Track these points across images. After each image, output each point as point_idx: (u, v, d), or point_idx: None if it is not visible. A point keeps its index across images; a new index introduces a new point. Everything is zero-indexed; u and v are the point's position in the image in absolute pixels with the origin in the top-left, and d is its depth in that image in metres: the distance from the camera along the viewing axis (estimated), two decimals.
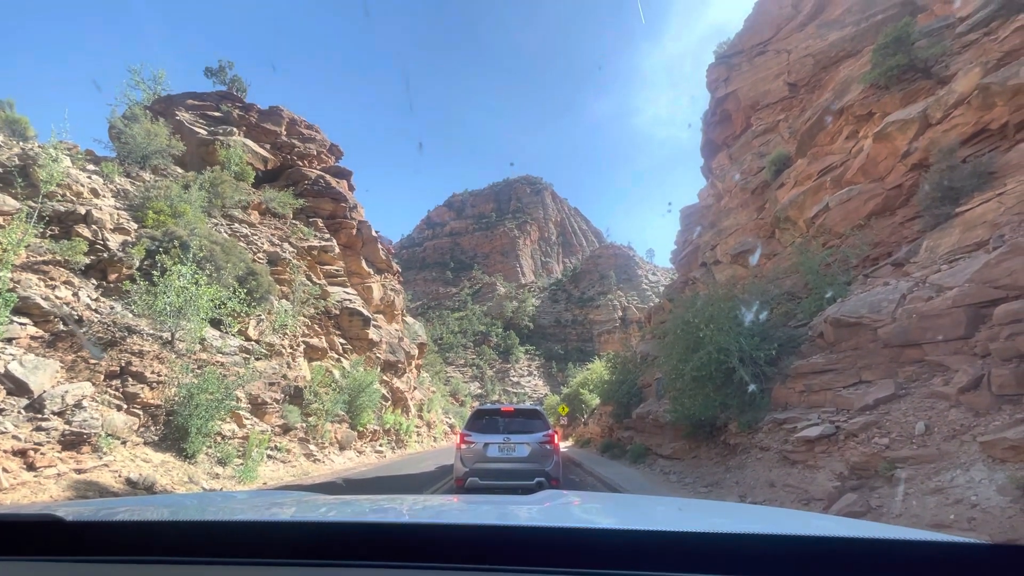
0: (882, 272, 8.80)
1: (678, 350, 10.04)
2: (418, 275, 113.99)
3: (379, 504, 1.83)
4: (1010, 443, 4.58)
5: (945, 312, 6.19)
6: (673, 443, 12.00)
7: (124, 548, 1.13)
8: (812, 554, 0.94)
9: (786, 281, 11.76)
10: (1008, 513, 4.20)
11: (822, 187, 12.18)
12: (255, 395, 12.51)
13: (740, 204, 17.04)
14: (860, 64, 12.89)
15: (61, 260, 10.54)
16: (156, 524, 1.27)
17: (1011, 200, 7.04)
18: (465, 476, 7.53)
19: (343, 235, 24.14)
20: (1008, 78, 8.05)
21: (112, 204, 13.56)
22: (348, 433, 16.93)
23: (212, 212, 17.15)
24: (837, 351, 7.73)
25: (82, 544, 1.12)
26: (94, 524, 1.19)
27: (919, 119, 9.62)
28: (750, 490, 7.51)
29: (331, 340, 19.68)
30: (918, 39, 10.82)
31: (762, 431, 8.26)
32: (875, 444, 5.93)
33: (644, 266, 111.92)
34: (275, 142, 24.00)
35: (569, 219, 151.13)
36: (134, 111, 18.37)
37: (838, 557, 0.95)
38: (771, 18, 18.11)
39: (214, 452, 9.94)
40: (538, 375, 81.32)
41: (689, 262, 20.80)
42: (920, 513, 4.77)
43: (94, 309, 10.21)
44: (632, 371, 19.01)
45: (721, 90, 19.46)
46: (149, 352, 10.13)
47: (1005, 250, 5.94)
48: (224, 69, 25.27)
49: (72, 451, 7.41)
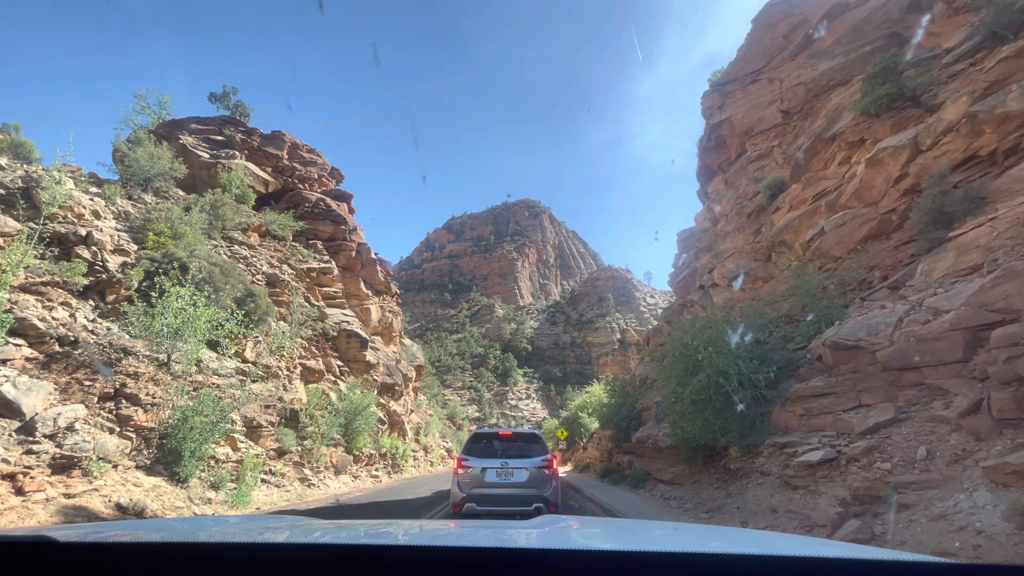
0: (878, 295, 8.85)
1: (677, 373, 10.00)
2: (416, 297, 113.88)
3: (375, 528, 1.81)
4: (1013, 468, 4.54)
5: (942, 335, 6.20)
6: (673, 468, 11.83)
7: (116, 571, 1.11)
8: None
9: (783, 304, 11.79)
10: (1014, 540, 4.13)
11: (817, 211, 12.33)
12: (250, 418, 12.36)
13: (736, 228, 17.21)
14: (851, 92, 13.20)
15: (60, 281, 10.54)
16: (150, 545, 1.26)
17: (1003, 225, 7.13)
18: (462, 502, 7.39)
19: (342, 257, 24.23)
20: (995, 106, 8.25)
21: (113, 226, 13.64)
22: (344, 457, 16.67)
23: (212, 234, 17.24)
24: (836, 374, 7.71)
25: (73, 568, 1.11)
26: (87, 546, 1.18)
27: (910, 146, 9.81)
28: (752, 516, 7.38)
29: (328, 362, 19.55)
30: (906, 69, 11.12)
31: (762, 455, 8.16)
32: (877, 469, 5.86)
33: (642, 289, 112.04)
34: (276, 165, 24.29)
35: (567, 242, 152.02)
36: (138, 135, 18.66)
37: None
38: (763, 48, 18.63)
39: (207, 476, 9.76)
40: (536, 398, 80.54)
41: (687, 285, 20.87)
42: (924, 540, 4.69)
43: (91, 330, 10.16)
44: (631, 394, 18.88)
45: (716, 116, 19.86)
46: (144, 374, 10.05)
47: (1000, 274, 5.99)
48: (228, 94, 25.74)
49: (62, 475, 7.28)
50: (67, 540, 1.10)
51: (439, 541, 1.46)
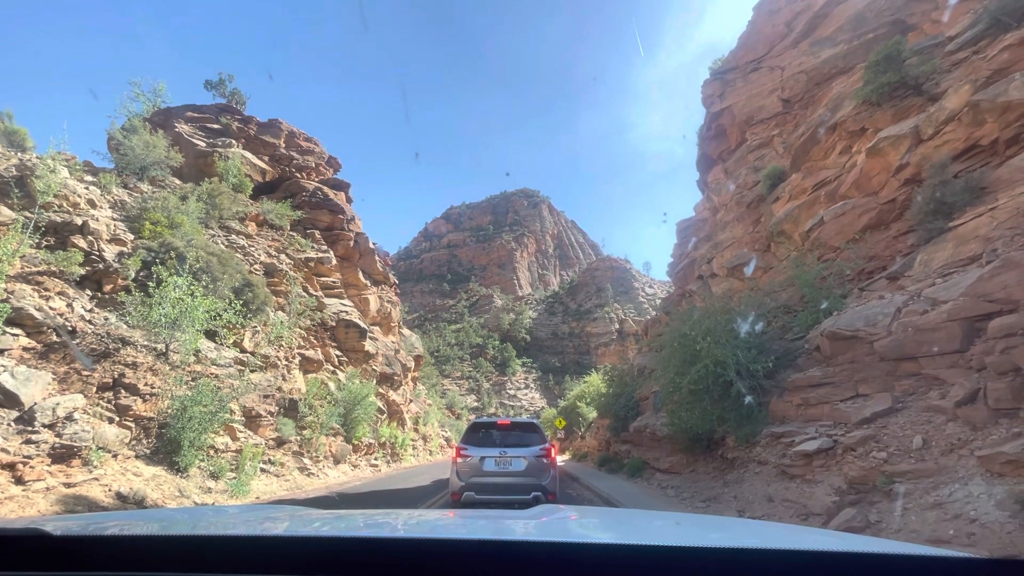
0: (877, 286, 8.85)
1: (675, 363, 10.03)
2: (415, 287, 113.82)
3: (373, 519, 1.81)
4: (1008, 457, 4.57)
5: (940, 326, 6.21)
6: (671, 457, 11.92)
7: (113, 563, 1.11)
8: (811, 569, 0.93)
9: (782, 294, 11.80)
10: (1007, 528, 4.17)
11: (816, 201, 12.29)
12: (249, 408, 12.39)
13: (736, 218, 17.16)
14: (852, 81, 13.09)
15: (56, 271, 10.49)
16: (146, 539, 1.25)
17: (1003, 215, 7.11)
18: (461, 491, 7.44)
19: (340, 247, 24.14)
20: (998, 95, 8.18)
21: (109, 215, 13.54)
22: (343, 446, 16.75)
23: (209, 223, 17.14)
24: (834, 364, 7.74)
25: (70, 559, 1.10)
26: (82, 539, 1.17)
27: (911, 135, 9.75)
28: (748, 505, 7.45)
29: (327, 352, 19.57)
30: (908, 57, 11.01)
31: (760, 445, 8.22)
32: (873, 458, 5.90)
33: (641, 279, 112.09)
34: (273, 154, 24.10)
35: (566, 232, 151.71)
36: (133, 123, 18.44)
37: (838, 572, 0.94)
38: (764, 36, 18.44)
39: (207, 466, 9.80)
40: (535, 388, 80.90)
41: (686, 275, 20.87)
42: (919, 528, 4.74)
43: (88, 320, 10.14)
44: (629, 384, 18.95)
45: (716, 105, 19.71)
46: (143, 364, 10.04)
47: (999, 264, 5.99)
48: (224, 82, 25.45)
49: (62, 464, 7.30)
50: (62, 533, 1.09)
51: (437, 533, 1.46)
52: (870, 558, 0.98)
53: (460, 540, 1.18)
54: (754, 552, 0.98)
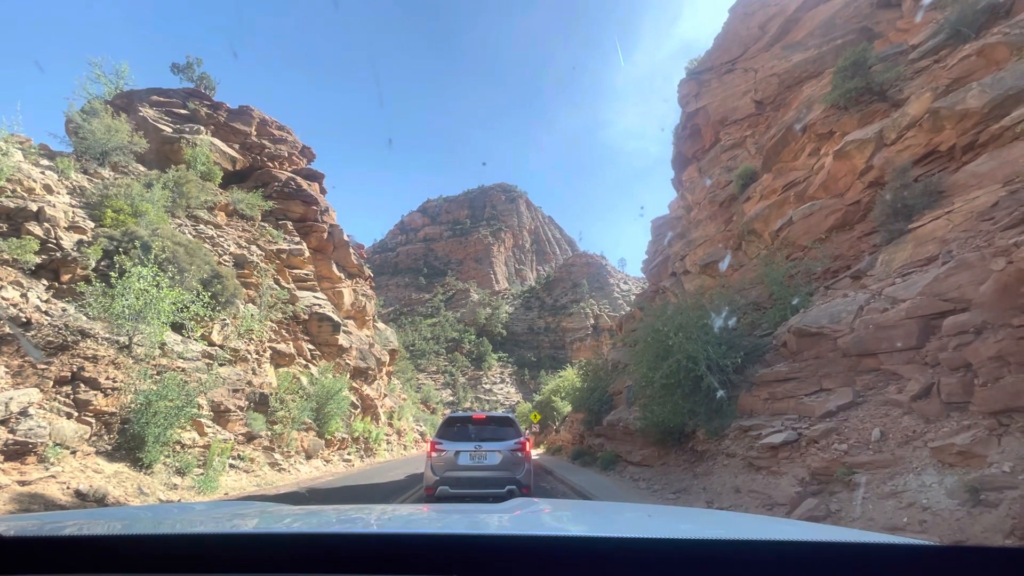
0: (842, 284, 9.17)
1: (648, 358, 10.20)
2: (391, 280, 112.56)
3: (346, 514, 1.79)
4: (958, 449, 4.82)
5: (899, 323, 6.48)
6: (643, 450, 12.14)
7: (71, 565, 1.07)
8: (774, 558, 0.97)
9: (752, 292, 12.11)
10: (956, 515, 4.40)
11: (786, 201, 12.64)
12: (218, 402, 12.08)
13: (709, 216, 17.50)
14: (822, 85, 13.47)
15: (9, 259, 9.98)
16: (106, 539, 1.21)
17: (959, 218, 7.45)
18: (435, 485, 7.43)
19: (314, 239, 23.67)
20: (956, 103, 8.55)
21: (67, 201, 12.95)
22: (315, 441, 16.51)
23: (176, 212, 16.56)
24: (799, 360, 8.00)
25: (24, 562, 1.06)
26: (38, 540, 1.13)
27: (875, 139, 10.10)
28: (717, 496, 7.66)
29: (299, 346, 19.20)
30: (874, 64, 11.39)
31: (728, 438, 8.45)
32: (835, 450, 6.14)
33: (616, 275, 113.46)
34: (244, 142, 23.41)
35: (543, 227, 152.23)
36: (93, 105, 17.59)
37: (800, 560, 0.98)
38: (739, 38, 18.78)
39: (172, 462, 9.53)
40: (510, 382, 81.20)
41: (660, 272, 21.21)
42: (876, 516, 4.96)
43: (44, 312, 9.69)
44: (603, 379, 19.20)
45: (692, 105, 20.01)
46: (104, 357, 9.66)
47: (953, 265, 6.27)
48: (192, 66, 24.51)
49: (16, 462, 6.99)
50: (16, 534, 1.05)
51: (411, 527, 1.45)
52: (830, 546, 1.02)
53: (434, 535, 1.18)
54: (721, 543, 1.02)
